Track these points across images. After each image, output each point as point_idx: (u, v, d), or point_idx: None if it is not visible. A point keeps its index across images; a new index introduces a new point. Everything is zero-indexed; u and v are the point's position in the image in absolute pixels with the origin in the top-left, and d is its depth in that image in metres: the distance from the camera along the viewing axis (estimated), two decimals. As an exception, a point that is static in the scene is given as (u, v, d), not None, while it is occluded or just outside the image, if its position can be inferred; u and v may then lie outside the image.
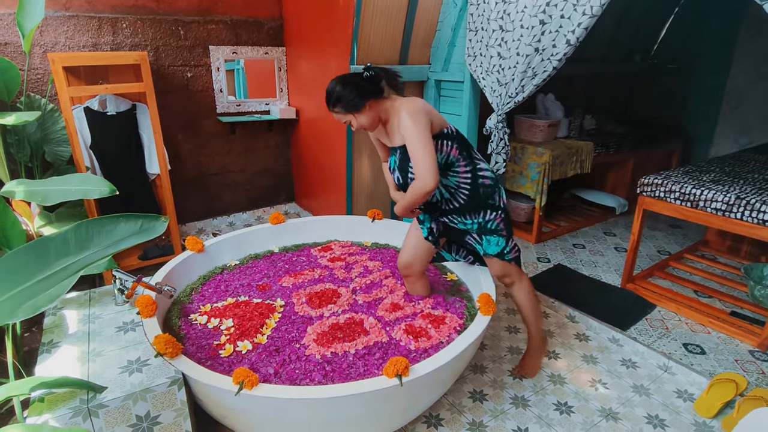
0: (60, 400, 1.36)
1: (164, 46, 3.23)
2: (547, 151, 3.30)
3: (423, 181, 1.68)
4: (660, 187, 2.51)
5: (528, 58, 2.44)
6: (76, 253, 0.94)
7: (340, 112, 1.77)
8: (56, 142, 2.76)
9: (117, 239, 0.98)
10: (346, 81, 1.74)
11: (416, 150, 1.68)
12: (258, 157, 3.90)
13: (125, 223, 1.00)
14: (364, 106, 1.74)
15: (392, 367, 1.45)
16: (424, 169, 1.67)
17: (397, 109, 1.78)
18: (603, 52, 4.33)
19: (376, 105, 1.78)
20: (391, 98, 1.83)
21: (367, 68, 1.77)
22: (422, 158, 1.67)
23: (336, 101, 1.75)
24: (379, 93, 1.79)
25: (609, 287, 2.87)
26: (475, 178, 1.89)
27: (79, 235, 0.96)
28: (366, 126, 1.80)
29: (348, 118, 1.78)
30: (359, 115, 1.76)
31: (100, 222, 0.98)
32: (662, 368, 2.21)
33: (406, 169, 1.85)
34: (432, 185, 1.68)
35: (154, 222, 1.01)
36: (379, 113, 1.81)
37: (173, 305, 2.05)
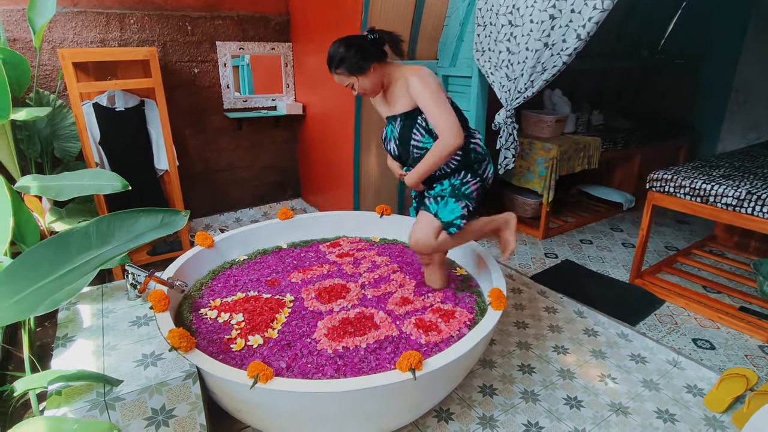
0: (77, 394, 1.37)
1: (171, 42, 3.23)
2: (554, 147, 3.29)
3: (447, 138, 1.67)
4: (670, 182, 2.50)
5: (537, 53, 2.43)
6: (97, 247, 0.95)
7: (342, 74, 1.74)
8: (65, 138, 2.77)
9: (138, 233, 0.98)
10: (350, 42, 1.71)
11: (434, 109, 1.67)
12: (265, 153, 3.90)
13: (146, 218, 1.00)
14: (369, 68, 1.72)
15: (406, 361, 1.45)
16: (448, 127, 1.66)
17: (403, 74, 1.76)
18: (610, 47, 4.30)
19: (379, 68, 1.75)
20: (393, 64, 1.81)
21: (370, 30, 1.74)
22: (444, 116, 1.66)
23: (339, 62, 1.71)
24: (383, 56, 1.77)
25: (617, 283, 2.87)
26: (467, 144, 1.88)
27: (101, 229, 0.97)
28: (368, 90, 1.77)
29: (350, 80, 1.75)
30: (362, 77, 1.73)
31: (121, 216, 0.99)
32: (672, 363, 2.21)
33: (407, 138, 1.81)
34: (458, 142, 1.67)
35: (175, 216, 1.02)
36: (381, 77, 1.78)
37: (184, 300, 2.06)
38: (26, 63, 2.24)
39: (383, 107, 1.90)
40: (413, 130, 1.81)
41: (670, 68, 4.74)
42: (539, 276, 2.94)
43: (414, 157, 1.87)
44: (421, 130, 1.80)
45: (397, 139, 1.86)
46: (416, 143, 1.82)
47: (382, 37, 1.73)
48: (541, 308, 2.68)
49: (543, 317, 2.59)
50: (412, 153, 1.85)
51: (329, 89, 3.30)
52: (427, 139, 1.81)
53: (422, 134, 1.81)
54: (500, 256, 2.16)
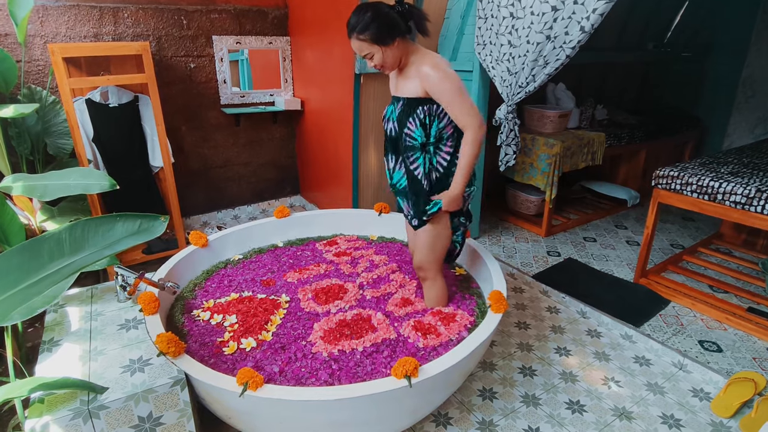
0: (60, 401, 1.33)
1: (166, 36, 3.17)
2: (557, 143, 3.22)
3: (474, 129, 1.63)
4: (676, 179, 2.43)
5: (539, 46, 2.36)
6: (70, 254, 0.90)
7: (365, 41, 1.60)
8: (58, 134, 2.72)
9: (114, 240, 0.93)
10: (378, 10, 1.59)
11: (456, 98, 1.62)
12: (263, 150, 3.84)
13: (123, 223, 0.94)
14: (394, 41, 1.62)
15: (401, 368, 1.40)
16: (472, 115, 1.62)
17: (420, 59, 1.67)
18: (615, 40, 4.21)
19: (402, 44, 1.66)
20: (415, 44, 1.72)
21: (399, 2, 1.63)
22: (468, 105, 1.61)
23: (365, 28, 1.58)
24: (408, 31, 1.67)
25: (621, 282, 2.81)
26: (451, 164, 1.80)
27: (74, 235, 0.91)
28: (388, 64, 1.67)
29: (372, 50, 1.62)
30: (385, 49, 1.62)
31: (96, 222, 0.94)
32: (677, 366, 2.15)
33: (403, 123, 1.75)
34: (484, 129, 1.63)
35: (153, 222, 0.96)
36: (401, 54, 1.68)
37: (177, 301, 2.01)
38: (11, 59, 2.19)
39: (394, 81, 1.82)
40: (410, 118, 1.73)
41: (677, 62, 4.64)
42: (541, 275, 2.88)
43: (405, 145, 1.79)
44: (416, 122, 1.73)
45: (395, 122, 1.79)
46: (409, 132, 1.75)
47: (410, 11, 1.64)
48: (543, 308, 2.62)
49: (545, 318, 2.53)
50: (404, 140, 1.79)
51: (328, 84, 3.24)
52: (419, 132, 1.73)
53: (416, 126, 1.73)
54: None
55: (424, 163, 1.79)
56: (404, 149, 1.81)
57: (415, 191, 1.82)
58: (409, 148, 1.79)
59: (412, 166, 1.81)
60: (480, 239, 3.40)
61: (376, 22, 1.57)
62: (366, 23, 1.58)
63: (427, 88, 1.65)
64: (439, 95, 1.65)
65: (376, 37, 1.59)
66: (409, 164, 1.81)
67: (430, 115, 1.72)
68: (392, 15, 1.60)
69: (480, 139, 1.67)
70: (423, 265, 1.91)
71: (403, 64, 1.71)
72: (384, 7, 1.61)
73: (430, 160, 1.79)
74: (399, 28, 1.62)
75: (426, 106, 1.71)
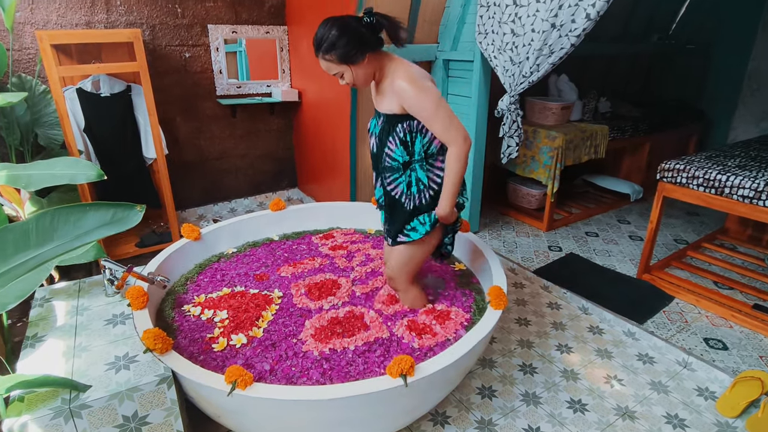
0: (41, 400, 1.27)
1: (161, 25, 3.10)
2: (560, 135, 3.15)
3: (458, 144, 1.50)
4: (682, 172, 2.36)
5: (544, 34, 2.29)
6: (37, 246, 0.84)
7: (332, 61, 1.49)
8: (49, 125, 2.65)
9: (85, 230, 0.86)
10: (345, 25, 1.46)
11: (436, 114, 1.49)
12: (259, 141, 3.77)
13: (95, 213, 0.88)
14: (364, 58, 1.50)
15: (397, 367, 1.35)
16: (455, 130, 1.49)
17: (395, 71, 1.55)
18: (619, 31, 4.12)
19: (373, 59, 1.53)
20: (387, 54, 1.59)
21: (367, 13, 1.50)
22: (450, 120, 1.49)
23: (331, 47, 1.46)
24: (380, 44, 1.55)
25: (624, 278, 2.75)
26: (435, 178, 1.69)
27: (42, 225, 0.85)
28: (359, 82, 1.56)
29: (340, 69, 1.51)
30: (355, 68, 1.51)
31: (67, 211, 0.87)
32: (681, 364, 2.09)
33: (384, 142, 1.63)
34: (468, 143, 1.51)
35: (129, 211, 0.90)
36: (374, 69, 1.56)
37: (168, 295, 1.95)
38: (1, 46, 2.11)
39: (374, 95, 1.72)
40: (389, 137, 1.61)
41: (681, 54, 4.56)
42: (542, 270, 2.82)
43: (384, 165, 1.68)
44: (396, 141, 1.61)
45: (377, 137, 1.69)
46: (389, 152, 1.63)
47: (380, 22, 1.50)
48: (544, 304, 2.56)
49: (546, 314, 2.48)
50: (383, 160, 1.68)
51: (325, 75, 3.15)
52: (400, 152, 1.61)
53: (396, 145, 1.61)
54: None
55: (407, 183, 1.66)
56: (382, 169, 1.70)
57: (393, 211, 1.73)
58: (387, 169, 1.67)
59: (389, 186, 1.70)
60: (480, 233, 3.34)
61: (343, 40, 1.46)
62: (332, 42, 1.46)
63: (403, 104, 1.53)
64: (416, 111, 1.52)
65: (343, 56, 1.48)
66: (387, 185, 1.71)
67: (410, 132, 1.60)
68: (360, 30, 1.48)
69: (465, 154, 1.53)
70: (394, 277, 1.83)
71: (379, 78, 1.60)
72: (351, 22, 1.48)
73: (418, 180, 1.65)
74: (369, 44, 1.50)
75: (405, 122, 1.58)
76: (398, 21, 1.53)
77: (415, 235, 1.69)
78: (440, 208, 1.64)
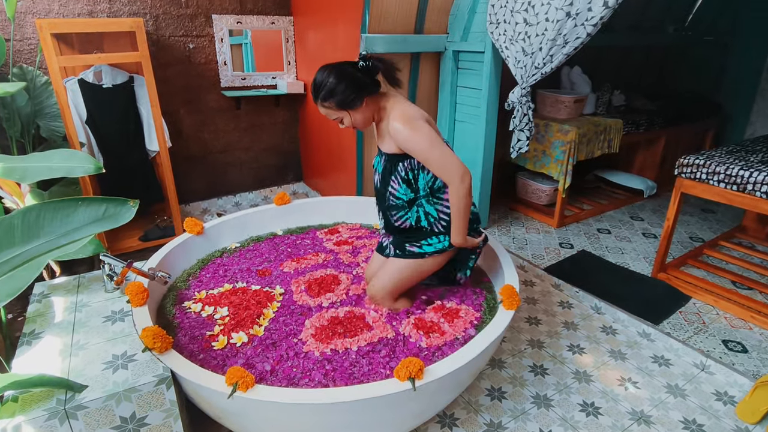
0: (35, 400, 1.23)
1: (164, 15, 3.03)
2: (572, 129, 3.06)
3: (457, 181, 1.50)
4: (702, 168, 2.27)
5: (559, 23, 2.20)
6: (21, 243, 0.78)
7: (331, 108, 1.54)
8: (51, 116, 2.60)
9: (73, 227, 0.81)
10: (341, 72, 1.50)
11: (431, 154, 1.49)
12: (264, 134, 3.71)
13: (85, 208, 0.82)
14: (362, 102, 1.52)
15: (404, 369, 1.29)
16: (452, 169, 1.49)
17: (391, 110, 1.56)
18: (634, 22, 4.00)
19: (371, 102, 1.56)
20: (385, 95, 1.61)
21: (363, 57, 1.53)
22: (442, 159, 1.48)
23: (329, 95, 1.50)
24: (376, 87, 1.57)
25: (638, 276, 2.67)
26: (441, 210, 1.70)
27: (28, 221, 0.79)
28: (359, 125, 1.59)
29: (339, 114, 1.55)
30: (354, 112, 1.54)
31: (55, 206, 0.82)
32: (699, 367, 2.02)
33: (387, 181, 1.65)
34: (468, 181, 1.50)
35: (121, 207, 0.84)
36: (373, 111, 1.59)
37: (169, 291, 1.91)
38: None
39: (375, 137, 1.72)
40: (392, 176, 1.63)
41: (698, 46, 4.42)
42: (553, 267, 2.75)
43: (389, 204, 1.69)
44: (399, 180, 1.63)
45: (380, 175, 1.70)
46: (393, 191, 1.65)
47: (375, 66, 1.53)
48: (555, 303, 2.49)
49: (557, 313, 2.41)
50: (387, 199, 1.68)
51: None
52: (404, 191, 1.63)
53: (399, 184, 1.63)
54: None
55: (416, 218, 1.68)
56: (387, 207, 1.70)
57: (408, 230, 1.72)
58: (393, 207, 1.68)
59: (397, 223, 1.70)
60: (489, 229, 3.27)
61: (341, 86, 1.48)
62: (329, 89, 1.49)
63: (398, 144, 1.54)
64: (411, 151, 1.53)
65: (341, 102, 1.50)
66: (394, 221, 1.71)
67: (412, 170, 1.61)
68: (356, 76, 1.50)
69: (465, 190, 1.52)
70: (377, 296, 1.76)
71: (378, 119, 1.62)
72: (347, 69, 1.51)
73: (427, 214, 1.66)
74: (366, 88, 1.52)
75: (406, 161, 1.60)
76: (393, 63, 1.56)
77: (429, 248, 1.68)
78: (453, 238, 1.65)
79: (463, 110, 3.06)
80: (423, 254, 1.69)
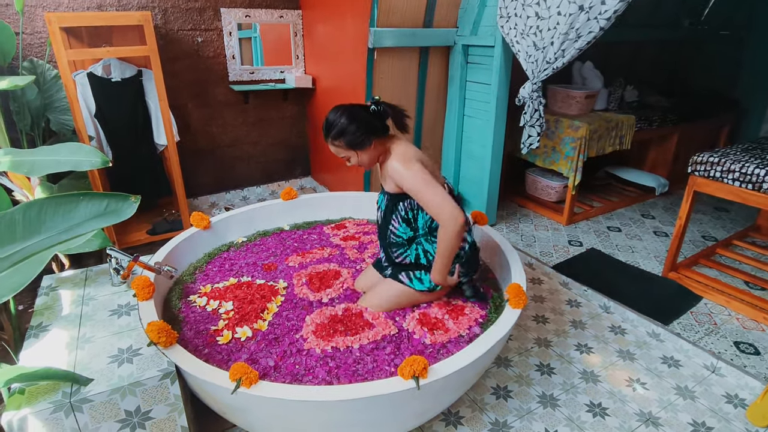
0: (41, 393, 1.24)
1: (173, 8, 3.03)
2: (583, 125, 3.01)
3: (448, 226, 1.52)
4: (716, 166, 2.22)
5: (571, 17, 2.15)
6: (23, 239, 0.78)
7: (340, 147, 1.59)
8: (61, 110, 2.62)
9: (75, 223, 0.80)
10: (353, 114, 1.56)
11: (424, 194, 1.53)
12: (273, 129, 3.71)
13: (87, 204, 0.82)
14: (370, 144, 1.57)
15: (409, 368, 1.28)
16: (443, 210, 1.52)
17: (392, 151, 1.63)
18: (648, 16, 3.92)
19: (379, 144, 1.61)
20: (392, 138, 1.66)
21: (375, 102, 1.61)
22: (434, 200, 1.53)
23: (339, 134, 1.56)
24: (385, 131, 1.63)
25: (648, 275, 2.63)
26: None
27: (29, 217, 0.79)
28: (365, 165, 1.64)
29: (347, 153, 1.61)
30: (362, 153, 1.59)
31: (57, 201, 0.81)
32: (709, 369, 1.98)
33: (388, 219, 1.69)
34: (460, 223, 1.51)
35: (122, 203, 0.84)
36: (380, 153, 1.64)
37: (176, 285, 1.91)
38: (8, 29, 2.08)
39: (380, 176, 1.76)
40: (393, 215, 1.68)
41: (714, 40, 4.33)
42: (562, 265, 2.72)
43: (389, 242, 1.72)
44: (399, 219, 1.68)
45: (382, 212, 1.74)
46: (393, 230, 1.70)
47: (386, 111, 1.61)
48: (563, 301, 2.46)
49: (565, 311, 2.38)
50: (388, 237, 1.72)
51: (340, 60, 3.07)
52: (403, 229, 1.68)
53: (399, 223, 1.68)
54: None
55: (415, 256, 1.72)
56: (387, 245, 1.74)
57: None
58: (393, 245, 1.72)
59: (397, 259, 1.75)
60: (497, 226, 3.24)
61: (352, 127, 1.54)
62: (340, 129, 1.55)
63: (396, 182, 1.61)
64: (408, 190, 1.58)
65: (351, 142, 1.56)
66: (395, 258, 1.75)
67: (412, 210, 1.67)
68: (367, 119, 1.57)
69: (453, 232, 1.53)
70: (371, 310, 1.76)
71: (383, 159, 1.67)
72: (359, 112, 1.58)
73: (426, 251, 1.71)
74: (375, 131, 1.58)
75: (406, 201, 1.65)
76: (403, 110, 1.64)
77: (418, 285, 1.72)
78: (432, 273, 1.66)
79: (472, 105, 3.03)
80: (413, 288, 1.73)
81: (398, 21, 2.75)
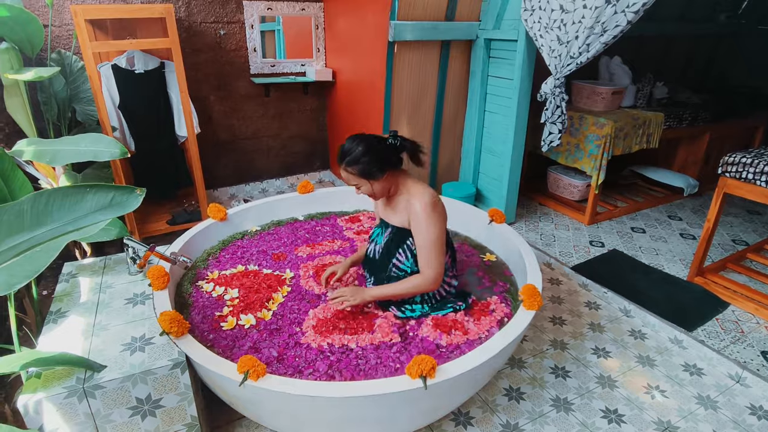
0: (56, 378, 1.27)
1: (196, 1, 3.06)
2: (609, 122, 2.92)
3: (428, 279, 1.56)
4: (749, 167, 2.12)
5: (597, 10, 2.08)
6: (30, 228, 0.79)
7: (353, 174, 1.58)
8: (86, 101, 2.68)
9: (81, 214, 0.81)
10: (370, 145, 1.56)
11: (430, 246, 1.55)
12: (292, 122, 3.72)
13: (93, 196, 0.83)
14: (383, 175, 1.57)
15: (416, 367, 1.26)
16: (434, 268, 1.55)
17: (409, 191, 1.63)
18: (681, 9, 3.77)
19: (392, 176, 1.62)
20: (404, 172, 1.66)
21: (393, 135, 1.60)
22: (436, 257, 1.55)
23: (354, 162, 1.56)
24: (399, 164, 1.64)
25: (672, 279, 2.54)
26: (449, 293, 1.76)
27: (37, 207, 0.80)
28: (376, 195, 1.63)
29: (359, 182, 1.60)
30: (374, 182, 1.59)
31: (64, 193, 0.82)
32: (734, 378, 1.90)
33: (391, 252, 1.67)
34: (435, 286, 1.57)
35: (128, 195, 0.84)
36: (391, 185, 1.63)
37: (190, 270, 1.94)
38: (37, 21, 2.12)
39: (382, 207, 1.75)
40: (399, 249, 1.66)
41: (752, 35, 4.13)
42: (582, 266, 2.65)
43: (390, 275, 1.70)
44: (407, 253, 1.66)
45: (382, 247, 1.71)
46: (398, 263, 1.68)
47: (402, 145, 1.61)
48: (581, 303, 2.40)
49: (583, 313, 2.32)
50: (389, 269, 1.69)
51: (360, 53, 3.05)
52: (410, 264, 1.67)
53: (407, 257, 1.66)
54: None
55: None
56: (388, 278, 1.70)
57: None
58: (395, 279, 1.68)
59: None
60: (516, 224, 3.18)
61: (367, 158, 1.54)
62: (356, 157, 1.55)
63: (411, 223, 1.61)
64: (416, 234, 1.59)
65: (364, 171, 1.56)
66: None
67: None
68: (383, 150, 1.57)
69: (423, 289, 1.58)
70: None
71: (393, 192, 1.67)
72: (376, 142, 1.58)
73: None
74: (389, 163, 1.59)
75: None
76: (419, 145, 1.64)
77: (410, 314, 1.69)
78: (370, 292, 1.63)
79: (494, 101, 2.97)
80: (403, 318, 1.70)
81: (420, 14, 2.71)
